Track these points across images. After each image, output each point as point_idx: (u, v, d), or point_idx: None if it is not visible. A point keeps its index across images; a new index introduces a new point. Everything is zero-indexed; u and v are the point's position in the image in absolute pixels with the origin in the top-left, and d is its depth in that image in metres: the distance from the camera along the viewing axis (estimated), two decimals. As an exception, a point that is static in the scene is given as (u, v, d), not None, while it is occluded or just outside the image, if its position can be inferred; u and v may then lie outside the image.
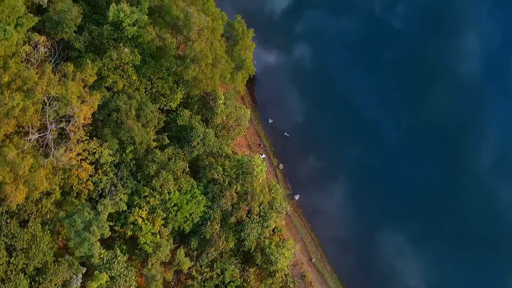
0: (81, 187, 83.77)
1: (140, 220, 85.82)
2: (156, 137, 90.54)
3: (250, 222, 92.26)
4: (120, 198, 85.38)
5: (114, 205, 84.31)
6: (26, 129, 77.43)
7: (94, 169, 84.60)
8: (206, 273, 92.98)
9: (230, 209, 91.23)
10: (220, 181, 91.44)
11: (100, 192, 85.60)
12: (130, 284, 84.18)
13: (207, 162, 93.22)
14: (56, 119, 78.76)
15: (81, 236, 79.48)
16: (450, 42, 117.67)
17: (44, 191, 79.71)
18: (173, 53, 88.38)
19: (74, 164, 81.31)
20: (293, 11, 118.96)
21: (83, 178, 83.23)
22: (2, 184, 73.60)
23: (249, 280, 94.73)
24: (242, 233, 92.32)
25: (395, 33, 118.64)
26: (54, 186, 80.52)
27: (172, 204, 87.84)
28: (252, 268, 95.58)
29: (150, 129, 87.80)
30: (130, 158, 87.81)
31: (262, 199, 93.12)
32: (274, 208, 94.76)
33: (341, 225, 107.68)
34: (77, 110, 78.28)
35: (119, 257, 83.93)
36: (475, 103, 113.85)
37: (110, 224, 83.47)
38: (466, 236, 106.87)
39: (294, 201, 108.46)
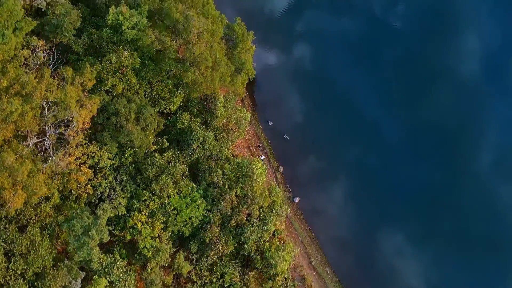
0: (80, 191, 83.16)
1: (139, 224, 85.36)
2: (155, 140, 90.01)
3: (250, 225, 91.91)
4: (119, 202, 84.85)
5: (113, 209, 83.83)
6: (24, 134, 76.88)
7: (93, 173, 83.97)
8: (205, 277, 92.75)
9: (230, 212, 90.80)
10: (219, 184, 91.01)
11: (99, 196, 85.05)
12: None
13: (207, 165, 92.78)
14: (55, 124, 78.15)
15: (80, 240, 79.16)
16: (450, 42, 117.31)
17: (43, 196, 79.20)
18: (172, 56, 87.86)
19: (73, 168, 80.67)
20: (293, 12, 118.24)
21: (82, 182, 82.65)
22: (0, 189, 73.13)
23: (249, 283, 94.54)
24: (242, 236, 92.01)
25: (395, 33, 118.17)
26: (53, 190, 80.00)
27: (171, 207, 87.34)
28: (252, 271, 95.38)
29: (150, 132, 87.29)
30: (129, 162, 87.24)
31: (262, 202, 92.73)
32: (274, 211, 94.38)
33: (341, 227, 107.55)
34: (76, 114, 77.62)
35: (119, 261, 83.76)
36: (475, 103, 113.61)
37: (109, 228, 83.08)
38: (466, 236, 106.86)
39: (294, 203, 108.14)
